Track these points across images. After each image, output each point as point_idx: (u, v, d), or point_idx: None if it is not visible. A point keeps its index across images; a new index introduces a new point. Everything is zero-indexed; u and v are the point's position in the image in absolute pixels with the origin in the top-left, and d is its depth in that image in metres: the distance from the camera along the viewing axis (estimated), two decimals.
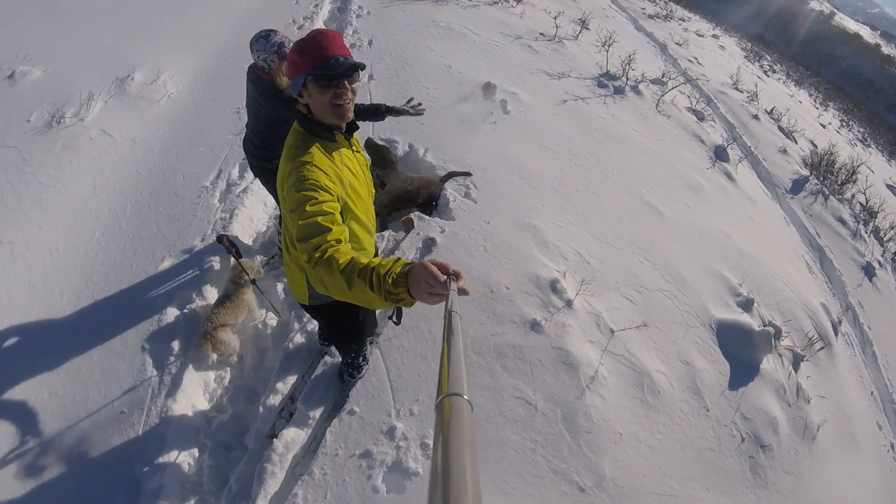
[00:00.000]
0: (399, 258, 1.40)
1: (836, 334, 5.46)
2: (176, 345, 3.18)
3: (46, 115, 4.85)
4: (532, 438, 2.96)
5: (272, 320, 3.50)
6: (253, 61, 3.05)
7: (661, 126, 7.18)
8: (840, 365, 5.16)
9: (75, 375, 3.09)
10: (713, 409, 3.67)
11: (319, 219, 1.60)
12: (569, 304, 3.67)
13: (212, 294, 3.46)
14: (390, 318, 2.86)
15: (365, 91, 5.75)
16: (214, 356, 3.18)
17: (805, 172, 9.14)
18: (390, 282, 1.36)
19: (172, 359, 3.14)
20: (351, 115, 1.92)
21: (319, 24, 7.49)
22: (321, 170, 1.75)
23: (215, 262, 3.60)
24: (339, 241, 1.58)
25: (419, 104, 3.45)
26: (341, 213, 1.80)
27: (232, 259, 3.31)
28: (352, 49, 6.61)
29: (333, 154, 1.88)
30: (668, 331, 3.99)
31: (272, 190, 3.54)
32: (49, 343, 3.23)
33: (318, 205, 1.64)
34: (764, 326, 4.37)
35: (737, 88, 11.72)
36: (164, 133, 4.84)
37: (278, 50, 2.92)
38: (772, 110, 11.28)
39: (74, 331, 3.28)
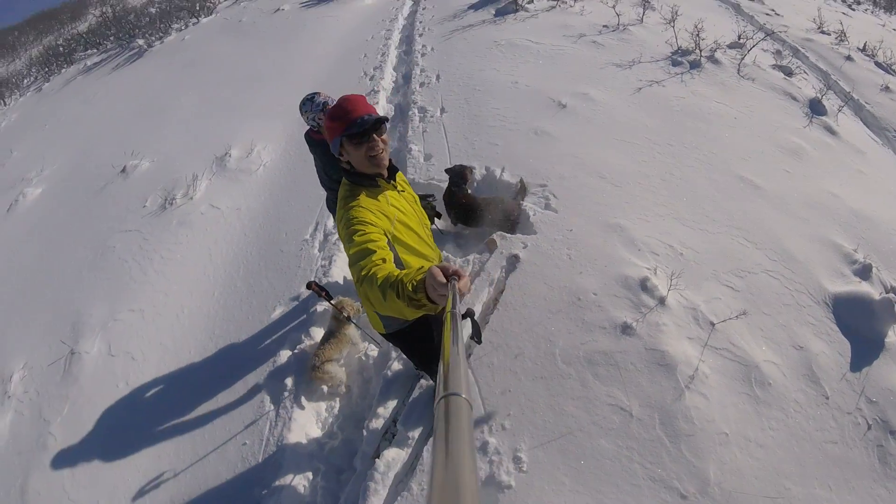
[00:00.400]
0: (423, 266, 1.49)
1: None
2: (289, 381, 3.55)
3: (159, 199, 5.54)
4: (628, 446, 2.91)
5: (373, 351, 3.77)
6: (306, 128, 3.35)
7: (746, 92, 6.66)
8: None
9: (203, 416, 3.56)
10: (833, 396, 3.39)
11: (365, 245, 1.79)
12: (661, 301, 3.56)
13: (318, 333, 3.78)
14: (471, 337, 2.95)
15: (439, 125, 5.88)
16: (324, 388, 3.49)
17: None
18: (410, 288, 1.45)
19: (287, 394, 3.49)
20: (386, 161, 2.13)
21: (388, 72, 7.77)
22: (366, 209, 1.97)
23: (318, 306, 3.93)
24: (383, 261, 1.73)
25: (432, 197, 3.67)
26: (389, 245, 1.96)
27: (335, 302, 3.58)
28: (421, 87, 6.84)
29: (379, 197, 2.09)
30: (777, 315, 3.73)
31: None
32: (180, 391, 3.75)
33: (364, 235, 1.84)
34: (886, 293, 3.94)
35: (822, 31, 10.51)
36: (265, 198, 5.32)
37: (324, 109, 3.16)
38: (864, 46, 10.02)
39: (201, 380, 3.74)
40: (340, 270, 4.29)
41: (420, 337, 2.56)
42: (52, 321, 4.55)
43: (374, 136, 2.04)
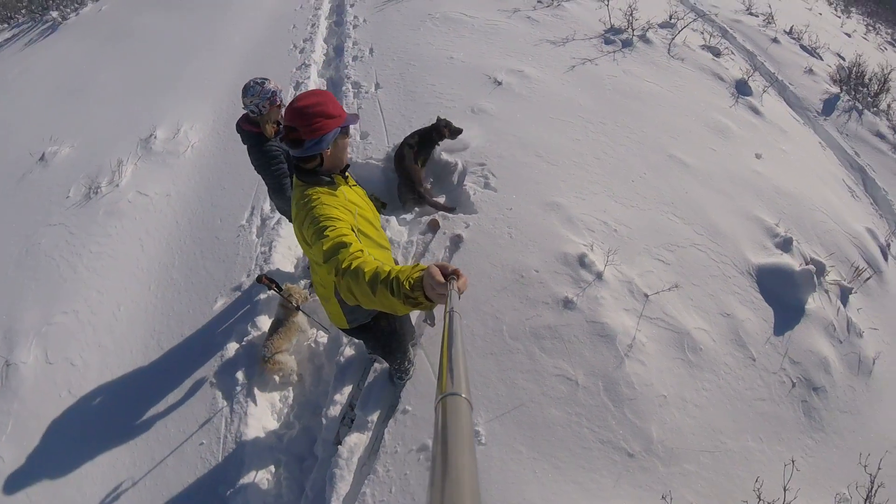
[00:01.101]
0: (418, 264, 1.52)
1: (885, 259, 5.25)
2: (240, 375, 3.46)
3: (83, 188, 5.19)
4: (576, 412, 3.06)
5: (323, 338, 3.73)
6: (240, 115, 3.20)
7: (676, 71, 6.96)
8: (893, 291, 4.99)
9: (155, 418, 3.42)
10: (759, 359, 3.66)
11: (338, 239, 1.78)
12: (599, 276, 3.70)
13: (265, 323, 3.70)
14: (425, 321, 2.99)
15: (374, 101, 5.82)
16: (276, 378, 3.44)
17: (835, 90, 8.66)
18: (408, 287, 1.47)
19: (239, 388, 3.41)
20: (348, 158, 2.20)
21: (318, 44, 7.54)
22: (329, 205, 1.96)
23: (262, 294, 3.84)
24: (361, 252, 1.73)
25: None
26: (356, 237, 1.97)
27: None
28: (354, 60, 6.72)
29: (336, 192, 2.08)
30: (706, 285, 3.97)
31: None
32: (127, 395, 3.57)
33: (335, 230, 1.83)
34: (806, 265, 4.26)
35: (751, 13, 11.14)
36: (195, 182, 5.10)
37: (271, 97, 3.03)
38: (791, 29, 10.69)
39: (148, 380, 3.59)
40: (283, 257, 4.19)
41: (384, 329, 2.60)
42: None
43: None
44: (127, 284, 4.16)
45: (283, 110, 3.18)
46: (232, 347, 3.60)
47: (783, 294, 4.11)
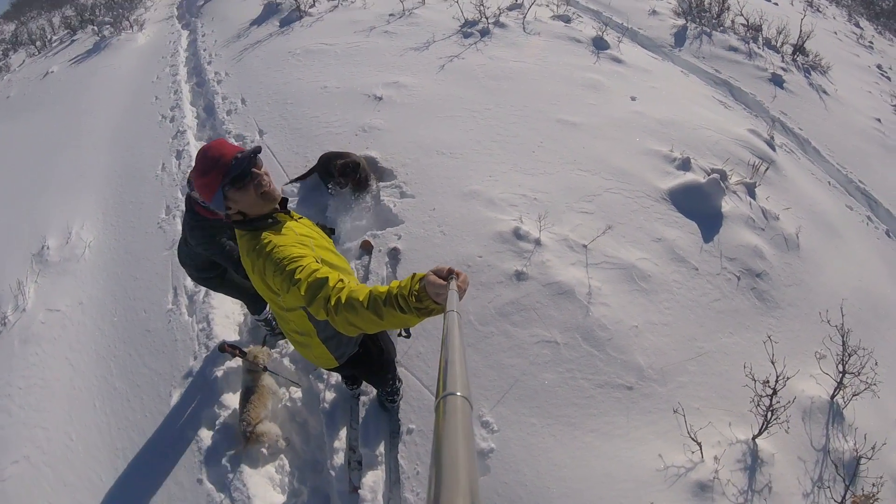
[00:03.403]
0: (414, 275, 1.57)
1: (773, 150, 5.97)
2: (225, 461, 3.32)
3: None
4: (567, 368, 3.29)
5: (297, 393, 3.69)
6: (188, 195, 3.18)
7: (536, 45, 7.53)
8: (790, 173, 5.68)
9: None
10: (701, 266, 4.07)
11: (312, 277, 1.76)
12: (537, 242, 3.97)
13: (232, 399, 3.61)
14: (400, 335, 3.06)
15: (264, 147, 5.87)
16: (264, 451, 3.35)
17: (681, 22, 9.69)
18: (414, 300, 1.51)
19: (230, 475, 3.26)
20: (278, 192, 2.10)
21: (186, 109, 7.52)
22: (285, 245, 1.93)
23: (218, 371, 3.75)
24: (341, 282, 1.74)
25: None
26: None
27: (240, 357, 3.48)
28: (229, 115, 6.73)
29: (284, 231, 2.05)
30: (631, 221, 4.35)
31: (223, 290, 3.71)
32: None
33: (304, 269, 1.80)
34: (709, 175, 4.77)
35: None
36: (104, 282, 4.90)
37: None
38: None
39: (129, 498, 3.41)
40: (223, 328, 4.10)
41: (373, 353, 2.64)
42: None
43: (255, 170, 2.00)
44: (70, 410, 3.94)
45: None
46: (206, 436, 3.50)
47: (699, 206, 4.59)
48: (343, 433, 3.36)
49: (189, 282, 4.45)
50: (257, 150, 2.04)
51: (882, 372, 3.58)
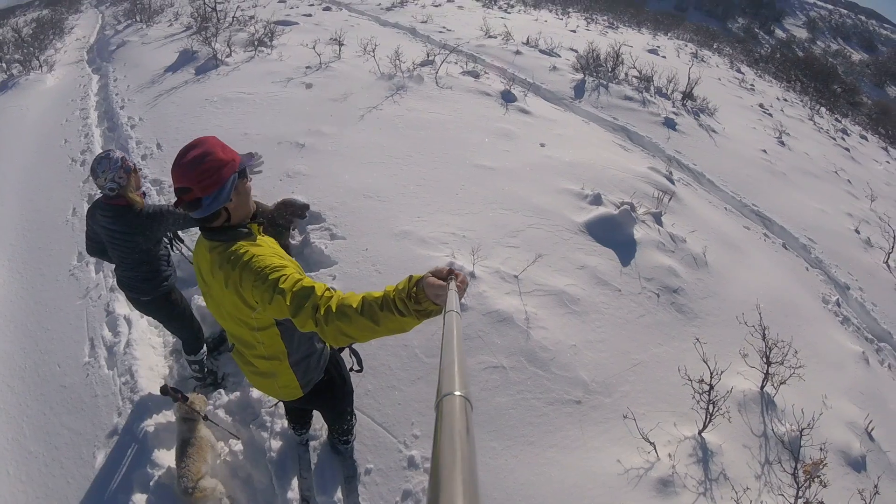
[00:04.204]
0: (411, 277, 1.54)
1: (673, 183, 6.58)
2: None
3: None
4: (518, 390, 3.40)
5: (237, 445, 3.47)
6: (94, 203, 3.06)
7: (449, 98, 7.96)
8: (690, 203, 6.26)
9: None
10: (623, 287, 4.38)
11: (297, 287, 1.68)
12: (472, 275, 4.12)
13: (166, 456, 3.35)
14: (351, 369, 2.99)
15: None
16: None
17: (579, 76, 10.58)
18: (413, 302, 1.49)
19: None
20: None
21: (98, 150, 7.21)
22: (263, 255, 1.84)
23: (147, 426, 3.49)
24: (329, 290, 1.68)
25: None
26: None
27: (177, 403, 3.24)
28: (145, 159, 6.55)
29: (259, 242, 1.97)
30: (554, 252, 4.62)
31: (163, 318, 3.56)
32: None
33: (287, 278, 1.72)
34: (620, 207, 5.17)
35: (490, 36, 13.15)
36: (12, 334, 4.44)
37: (123, 164, 2.91)
38: (527, 40, 12.84)
39: None
40: (148, 380, 3.77)
41: (336, 381, 2.55)
42: None
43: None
44: None
45: (139, 175, 3.11)
46: (141, 500, 3.20)
47: (614, 235, 4.98)
48: (294, 483, 3.17)
49: (107, 332, 4.16)
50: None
51: (802, 359, 3.93)
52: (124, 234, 3.08)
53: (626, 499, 2.89)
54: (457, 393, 0.77)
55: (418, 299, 1.48)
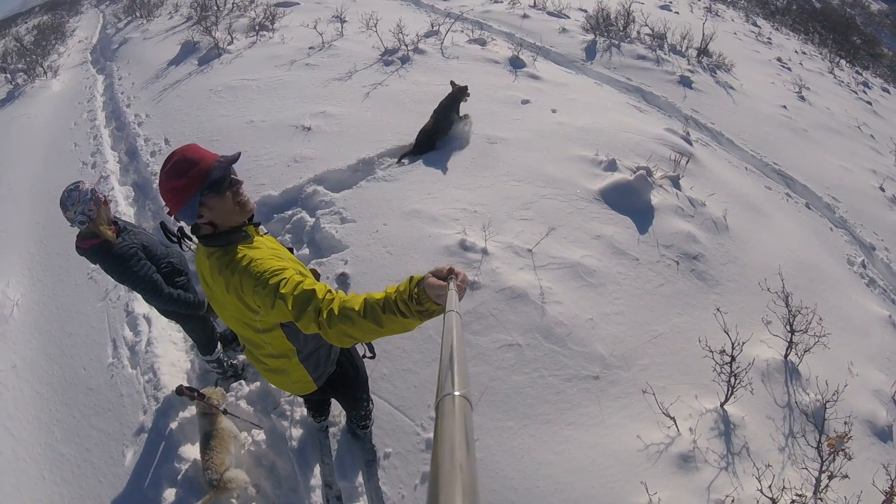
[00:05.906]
0: (411, 278, 1.53)
1: (690, 144, 6.37)
2: None
3: None
4: (534, 368, 3.35)
5: (259, 435, 3.52)
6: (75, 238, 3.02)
7: (456, 69, 7.78)
8: (709, 164, 6.07)
9: None
10: (641, 256, 4.28)
11: (298, 290, 1.69)
12: (484, 251, 4.06)
13: (192, 451, 3.41)
14: (364, 356, 2.99)
15: None
16: (234, 501, 3.17)
17: (590, 37, 10.26)
18: (414, 303, 1.48)
19: None
20: (252, 205, 2.03)
21: (108, 153, 7.25)
22: (262, 259, 1.84)
23: (172, 423, 3.55)
24: (330, 292, 1.68)
25: None
26: None
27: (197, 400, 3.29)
28: (153, 156, 6.57)
29: (257, 244, 1.96)
30: (569, 222, 4.51)
31: (179, 321, 3.59)
32: None
33: (287, 282, 1.72)
34: (636, 172, 5.02)
35: (496, 2, 12.77)
36: (37, 341, 4.58)
37: (93, 196, 2.90)
38: (535, 2, 12.47)
39: None
40: (171, 376, 3.88)
41: (349, 372, 2.57)
42: None
43: (233, 177, 1.93)
44: (16, 485, 3.60)
45: (109, 206, 3.06)
46: (170, 494, 3.28)
47: (630, 202, 4.84)
48: (316, 470, 3.23)
49: (128, 332, 4.24)
50: (237, 156, 1.96)
51: (826, 326, 3.84)
52: (108, 273, 3.10)
53: (646, 475, 2.85)
54: (457, 393, 0.77)
55: (420, 300, 1.48)
